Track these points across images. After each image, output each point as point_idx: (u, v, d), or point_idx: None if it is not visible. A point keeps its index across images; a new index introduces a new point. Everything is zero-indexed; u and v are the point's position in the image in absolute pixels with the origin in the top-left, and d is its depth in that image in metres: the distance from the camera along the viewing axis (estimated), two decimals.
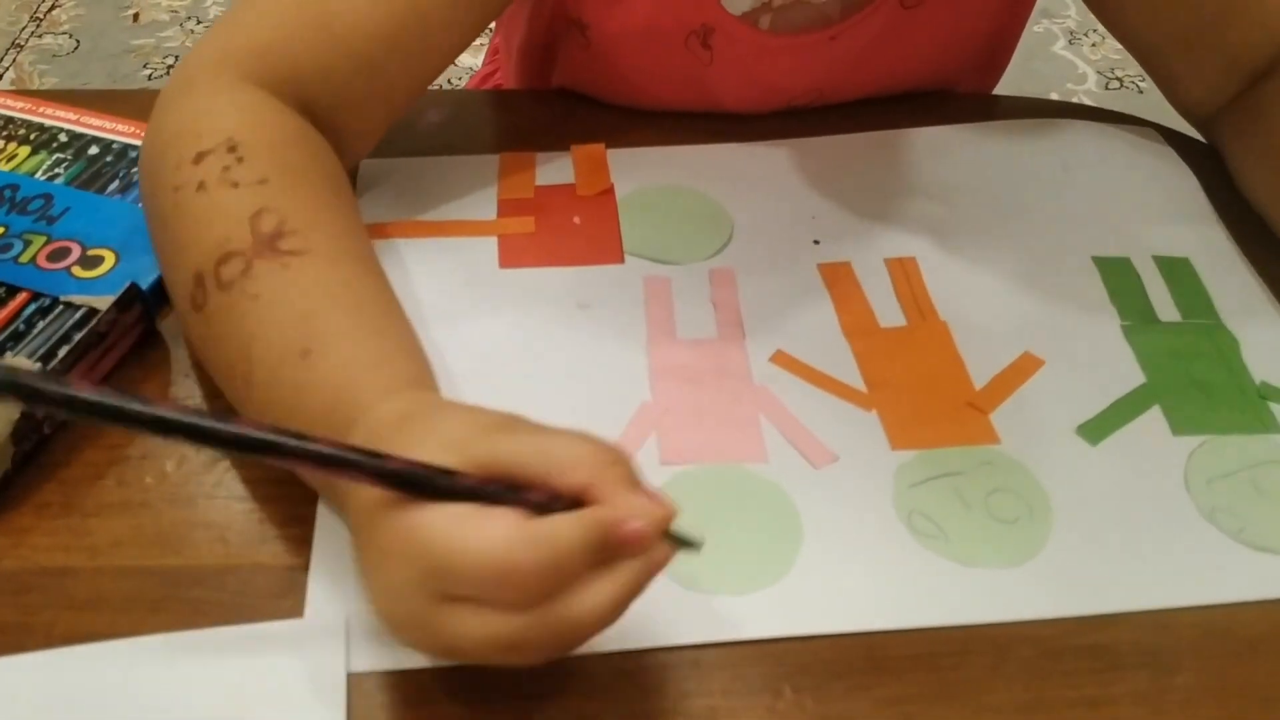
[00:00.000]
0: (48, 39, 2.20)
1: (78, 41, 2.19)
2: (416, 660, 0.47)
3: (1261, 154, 0.70)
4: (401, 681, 0.47)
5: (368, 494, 0.42)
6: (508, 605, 0.40)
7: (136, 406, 0.39)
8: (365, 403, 0.47)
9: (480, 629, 0.40)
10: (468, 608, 0.40)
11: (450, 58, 0.66)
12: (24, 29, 2.22)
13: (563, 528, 0.40)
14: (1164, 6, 0.72)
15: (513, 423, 0.44)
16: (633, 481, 0.42)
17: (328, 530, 0.52)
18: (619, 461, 0.42)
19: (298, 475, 0.52)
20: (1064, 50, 2.22)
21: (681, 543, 0.43)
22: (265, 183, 0.54)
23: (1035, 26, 2.27)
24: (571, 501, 0.41)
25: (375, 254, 0.56)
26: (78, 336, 0.55)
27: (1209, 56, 0.72)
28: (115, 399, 0.38)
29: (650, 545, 0.41)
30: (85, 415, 0.39)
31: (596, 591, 0.40)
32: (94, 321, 0.55)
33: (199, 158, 0.54)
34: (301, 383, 0.49)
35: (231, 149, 0.54)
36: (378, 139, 0.65)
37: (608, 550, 0.40)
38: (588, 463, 0.41)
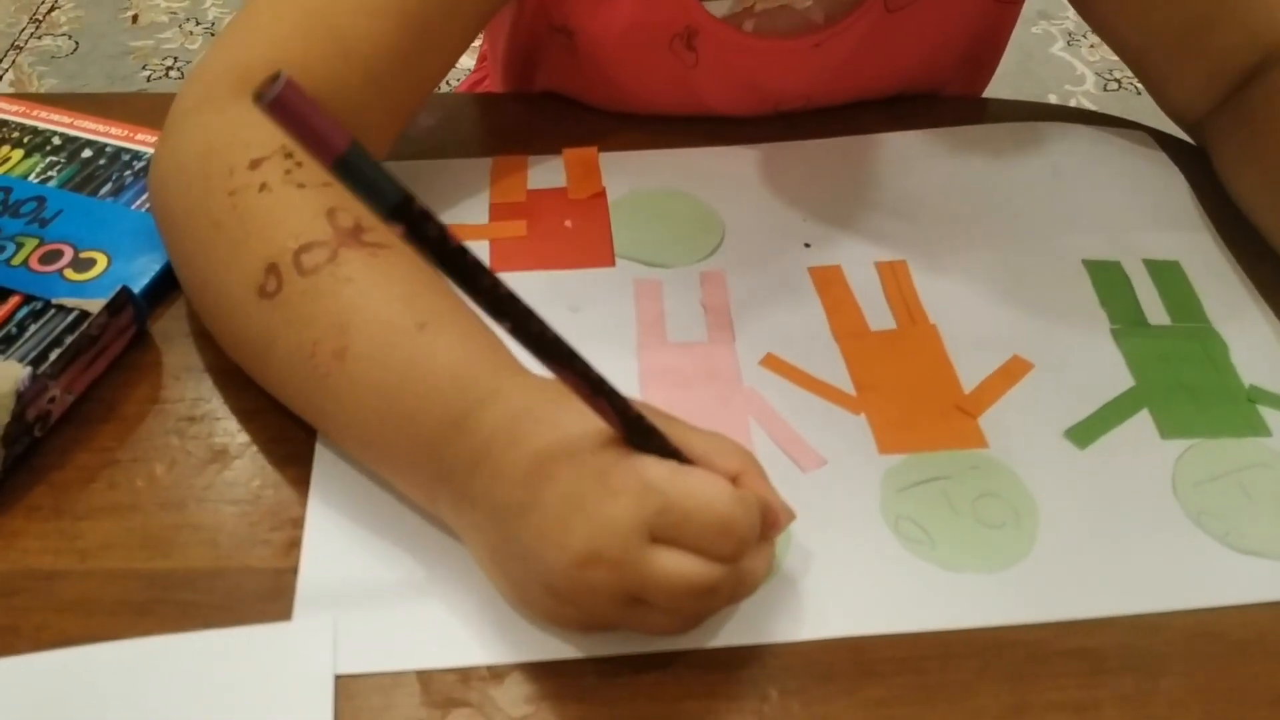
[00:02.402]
0: (47, 40, 2.20)
1: (77, 43, 2.19)
2: (404, 663, 0.48)
3: (1248, 157, 0.70)
4: (389, 684, 0.47)
5: (591, 437, 0.45)
6: (715, 554, 0.44)
7: (485, 279, 0.40)
8: (500, 376, 0.48)
9: (686, 569, 0.44)
10: (675, 551, 0.44)
11: (449, 66, 0.66)
12: (23, 30, 2.23)
13: (754, 498, 0.46)
14: (1149, 11, 0.72)
15: (661, 411, 0.48)
16: (768, 480, 0.48)
17: (318, 533, 0.52)
18: (758, 464, 0.48)
19: None
20: (1062, 51, 2.23)
21: None
22: (330, 185, 0.53)
23: (1033, 28, 2.27)
24: None
25: None
26: (69, 340, 0.55)
27: (1195, 60, 0.73)
28: (473, 261, 0.39)
29: (780, 530, 0.48)
30: (441, 264, 0.39)
31: (760, 560, 0.47)
32: (85, 325, 0.55)
33: (255, 164, 0.54)
34: (418, 354, 0.49)
35: (288, 155, 0.54)
36: (387, 150, 0.66)
37: (763, 527, 0.47)
38: (741, 455, 0.48)
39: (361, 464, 0.53)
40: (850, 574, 0.51)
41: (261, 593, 0.50)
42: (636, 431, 0.45)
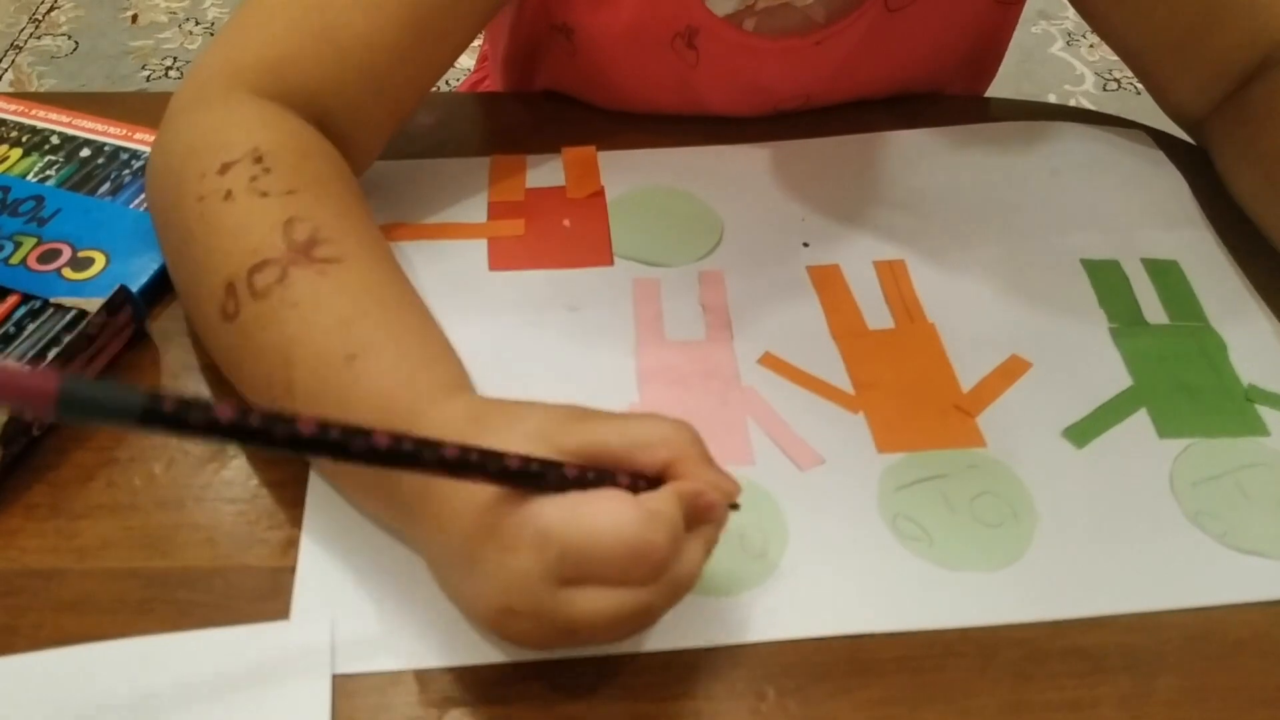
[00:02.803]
0: (46, 40, 2.20)
1: (76, 43, 2.19)
2: (401, 662, 0.48)
3: (1250, 157, 0.70)
4: (386, 684, 0.47)
5: (477, 496, 0.43)
6: (634, 580, 0.42)
7: (280, 428, 0.38)
8: (420, 406, 0.47)
9: (607, 604, 0.42)
10: (592, 589, 0.42)
11: (448, 64, 0.66)
12: (23, 30, 2.23)
13: (671, 504, 0.43)
14: (1150, 11, 0.72)
15: (584, 411, 0.46)
16: (707, 456, 0.46)
17: (316, 533, 0.52)
18: (695, 440, 0.46)
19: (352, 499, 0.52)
20: (1062, 51, 2.23)
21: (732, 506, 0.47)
22: (294, 193, 0.54)
23: (1033, 28, 2.27)
24: (654, 479, 0.44)
25: (399, 261, 0.57)
26: (67, 339, 0.55)
27: (1196, 60, 0.73)
28: (259, 421, 0.37)
29: (724, 513, 0.46)
30: (230, 439, 0.37)
31: (692, 554, 0.44)
32: (83, 324, 0.55)
33: (224, 168, 0.54)
34: (348, 387, 0.49)
35: (258, 159, 0.54)
36: (381, 149, 0.66)
37: (694, 519, 0.44)
38: (670, 442, 0.45)
39: None
40: (848, 572, 0.51)
41: (259, 592, 0.50)
42: (520, 480, 0.43)
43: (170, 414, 0.36)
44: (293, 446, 0.38)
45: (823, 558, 0.52)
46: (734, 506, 0.46)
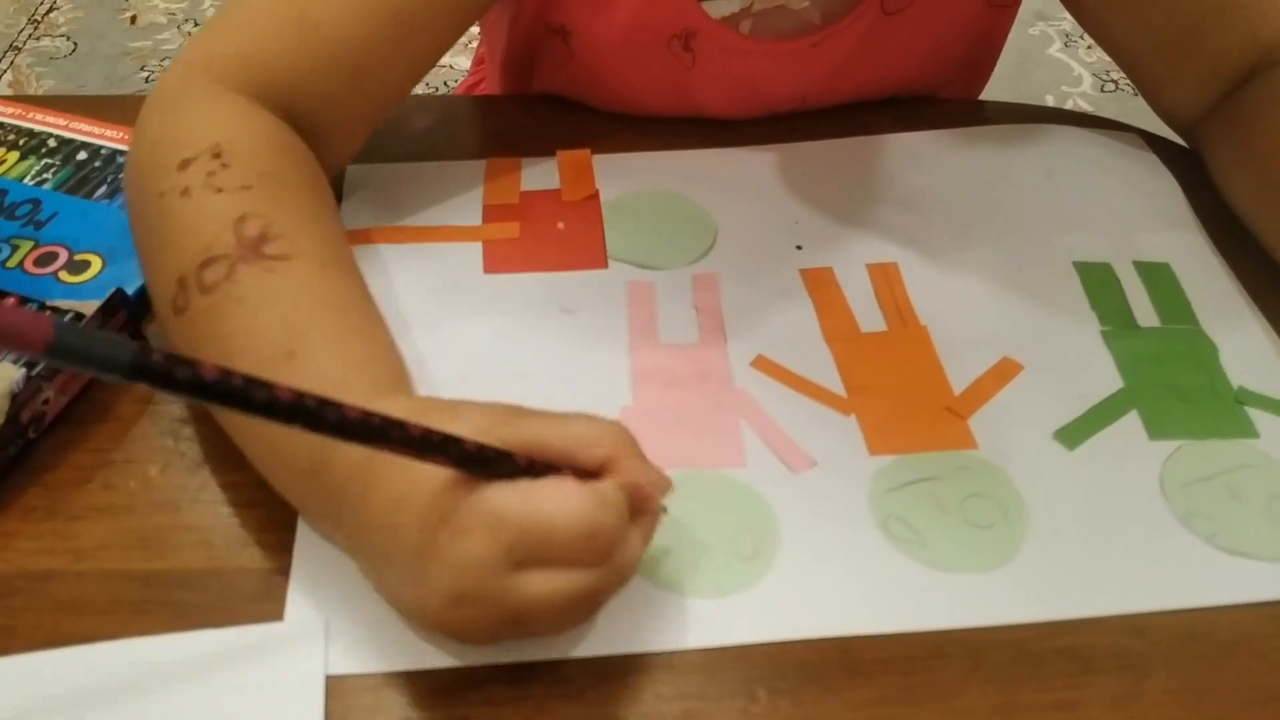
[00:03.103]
0: (45, 41, 2.21)
1: (75, 44, 2.20)
2: (394, 663, 0.48)
3: (1243, 160, 0.70)
4: (379, 685, 0.47)
5: (427, 480, 0.44)
6: (586, 562, 0.44)
7: (260, 392, 0.39)
8: (359, 402, 0.47)
9: (559, 586, 0.43)
10: (543, 571, 0.43)
11: (430, 63, 0.66)
12: (22, 31, 2.23)
13: (617, 491, 0.45)
14: (1143, 14, 0.72)
15: (521, 409, 0.47)
16: (641, 454, 0.47)
17: (309, 535, 0.52)
18: (630, 438, 0.47)
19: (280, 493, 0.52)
20: (1059, 53, 2.23)
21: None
22: (249, 188, 0.54)
23: (1031, 29, 2.27)
24: (592, 475, 0.45)
25: (356, 260, 0.57)
26: None
27: (1189, 64, 0.73)
28: (240, 383, 0.38)
29: (659, 505, 0.47)
30: (210, 399, 0.38)
31: (635, 542, 0.46)
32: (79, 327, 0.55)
33: (184, 164, 0.55)
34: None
35: (216, 155, 0.55)
36: (360, 145, 0.66)
37: (634, 510, 0.46)
38: (607, 439, 0.46)
39: None
40: (840, 573, 0.52)
41: (254, 593, 0.50)
42: (477, 465, 0.44)
43: (157, 368, 0.36)
44: (268, 411, 0.39)
45: (814, 559, 0.52)
46: (662, 509, 0.48)
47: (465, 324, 0.62)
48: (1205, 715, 0.48)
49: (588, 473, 0.45)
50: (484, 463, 0.43)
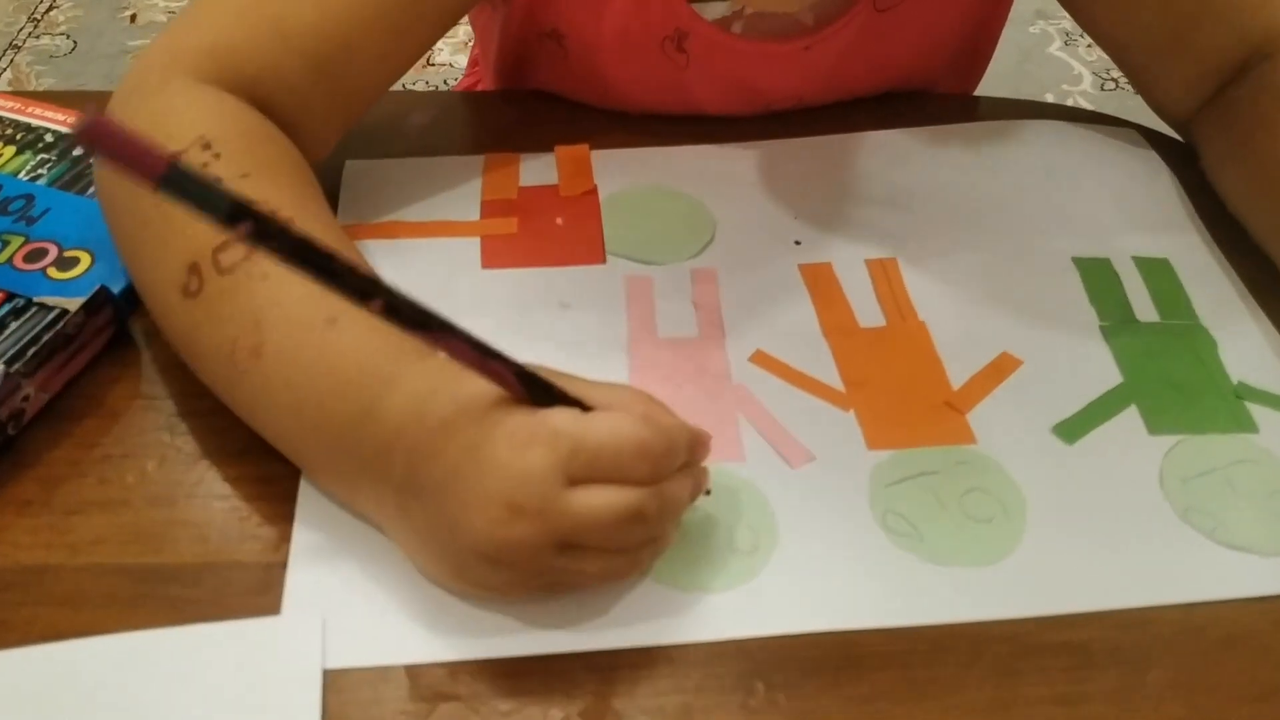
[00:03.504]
0: (45, 40, 2.20)
1: (75, 42, 2.19)
2: (393, 658, 0.48)
3: (1235, 155, 0.70)
4: (377, 679, 0.47)
5: (485, 400, 0.46)
6: (635, 479, 0.46)
7: (341, 262, 0.41)
8: (406, 359, 0.49)
9: (609, 499, 0.45)
10: (595, 487, 0.45)
11: (409, 62, 0.66)
12: (21, 30, 2.23)
13: (670, 418, 0.48)
14: (1137, 10, 0.72)
15: (554, 372, 0.48)
16: (675, 415, 0.49)
17: (306, 528, 0.52)
18: (663, 404, 0.49)
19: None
20: (1059, 51, 2.23)
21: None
22: (248, 176, 0.54)
23: (1031, 28, 2.27)
24: None
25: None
26: (46, 338, 0.55)
27: (1181, 59, 0.73)
28: (325, 251, 0.40)
29: (704, 457, 0.50)
30: (296, 261, 0.40)
31: (682, 483, 0.48)
32: (61, 323, 0.55)
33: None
34: (327, 349, 0.50)
35: (206, 146, 0.54)
36: (335, 140, 0.65)
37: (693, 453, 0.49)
38: (643, 400, 0.49)
39: None
40: (838, 568, 0.52)
41: (250, 587, 0.50)
42: (534, 388, 0.46)
43: (254, 216, 0.39)
44: (341, 279, 0.41)
45: (813, 554, 0.52)
46: (706, 491, 0.51)
47: (463, 319, 0.60)
48: (1204, 709, 0.48)
49: None
50: (542, 388, 0.46)
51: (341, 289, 0.41)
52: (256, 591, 0.50)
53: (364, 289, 0.42)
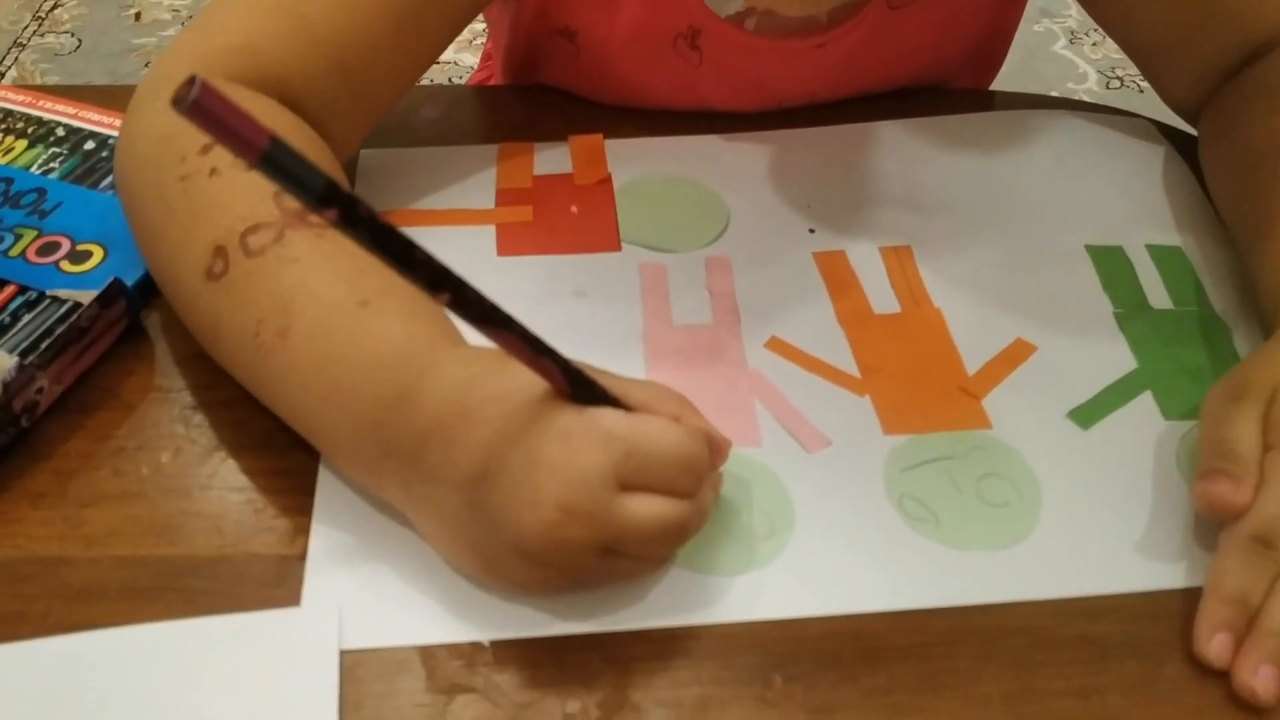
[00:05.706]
0: (50, 38, 2.20)
1: (79, 40, 2.19)
2: (410, 639, 0.48)
3: (1215, 145, 0.71)
4: (393, 670, 0.47)
5: (532, 398, 0.46)
6: (680, 492, 0.46)
7: (420, 252, 0.41)
8: (437, 351, 0.49)
9: (658, 511, 0.46)
10: (644, 496, 0.45)
11: (429, 59, 0.66)
12: (26, 28, 2.23)
13: (703, 431, 0.48)
14: (1146, 10, 0.72)
15: (590, 368, 0.48)
16: (703, 416, 0.49)
17: (326, 520, 0.52)
18: (692, 404, 0.49)
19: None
20: (1064, 50, 2.22)
21: None
22: None
23: (1036, 26, 2.26)
24: None
25: None
26: (59, 330, 0.55)
27: (1189, 57, 0.73)
28: (403, 238, 0.41)
29: (724, 461, 0.50)
30: (374, 244, 0.40)
31: (711, 491, 0.49)
32: (75, 316, 0.55)
33: (206, 149, 0.54)
34: (359, 332, 0.50)
35: None
36: (359, 141, 0.66)
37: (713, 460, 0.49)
38: (675, 398, 0.49)
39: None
40: (855, 552, 0.51)
41: (266, 579, 0.50)
42: (580, 387, 0.46)
43: (344, 200, 0.39)
44: (419, 269, 0.41)
45: (829, 538, 0.52)
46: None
47: None
48: (1223, 700, 0.47)
49: None
50: (587, 386, 0.46)
51: (416, 278, 0.41)
52: (272, 584, 0.50)
53: (436, 280, 0.42)
